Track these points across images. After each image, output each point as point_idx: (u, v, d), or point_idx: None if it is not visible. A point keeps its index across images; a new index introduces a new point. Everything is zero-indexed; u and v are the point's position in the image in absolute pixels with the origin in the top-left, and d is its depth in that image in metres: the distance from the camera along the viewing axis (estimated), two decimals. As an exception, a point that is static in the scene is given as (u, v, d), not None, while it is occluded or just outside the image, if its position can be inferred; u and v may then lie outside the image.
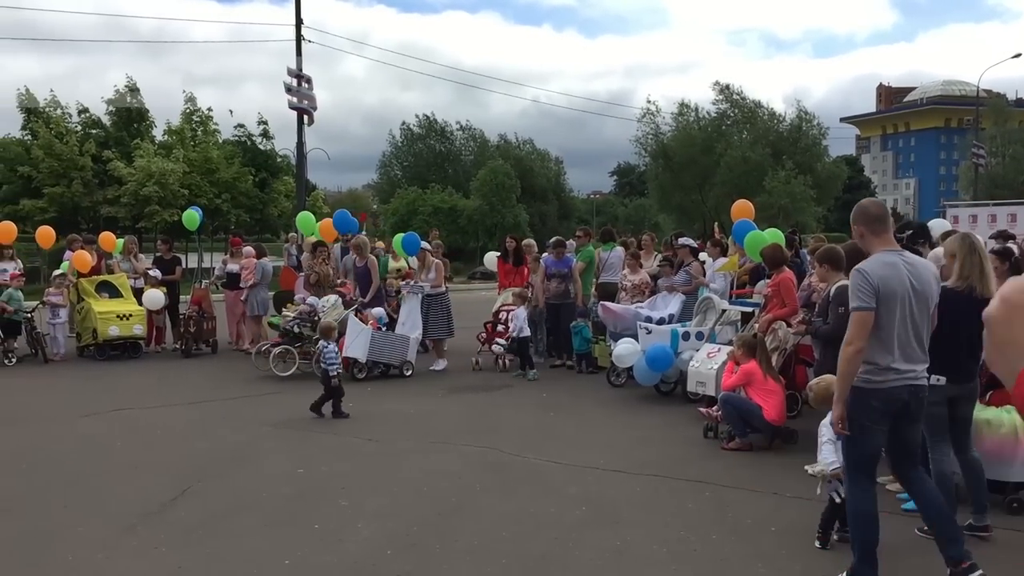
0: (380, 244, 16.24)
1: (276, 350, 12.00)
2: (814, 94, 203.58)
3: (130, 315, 13.75)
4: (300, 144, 30.19)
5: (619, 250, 13.62)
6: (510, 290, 13.62)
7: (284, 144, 50.45)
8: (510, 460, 7.75)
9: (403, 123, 69.06)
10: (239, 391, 11.10)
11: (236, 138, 41.57)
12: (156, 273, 14.82)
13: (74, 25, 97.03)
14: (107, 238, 15.36)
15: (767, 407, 7.94)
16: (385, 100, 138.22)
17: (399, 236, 14.48)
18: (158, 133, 40.74)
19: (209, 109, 40.54)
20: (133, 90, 40.02)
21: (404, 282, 13.17)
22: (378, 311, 12.77)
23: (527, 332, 12.32)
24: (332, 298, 12.47)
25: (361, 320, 12.16)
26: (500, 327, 13.07)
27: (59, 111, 38.12)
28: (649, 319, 11.08)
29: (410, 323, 12.57)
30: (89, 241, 15.35)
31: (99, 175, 36.27)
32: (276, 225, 40.82)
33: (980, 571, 4.74)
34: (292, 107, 28.93)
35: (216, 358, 14.18)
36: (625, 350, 10.58)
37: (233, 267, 14.98)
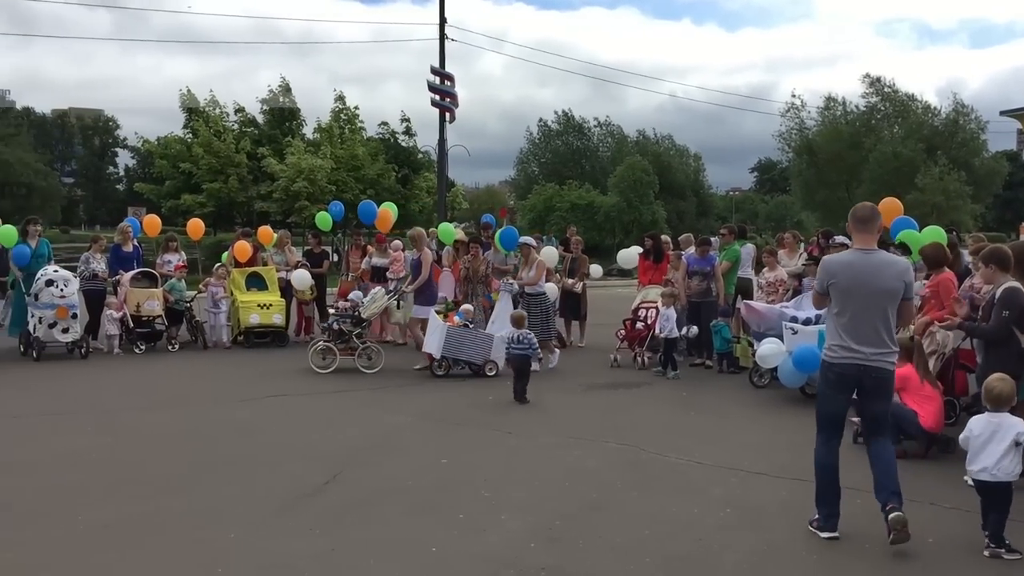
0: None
1: (318, 346, 12.19)
2: (970, 86, 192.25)
3: (270, 305, 14.36)
4: (442, 141, 30.82)
5: (750, 247, 13.34)
6: (650, 287, 13.51)
7: (424, 141, 51.48)
8: (651, 459, 7.70)
9: (540, 119, 69.41)
10: (384, 381, 11.42)
11: (380, 135, 42.74)
12: (306, 266, 15.44)
13: (227, 28, 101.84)
14: (265, 232, 16.08)
15: (923, 413, 7.60)
16: (522, 97, 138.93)
17: (499, 231, 14.49)
18: (308, 131, 42.38)
19: (355, 107, 41.88)
20: (286, 90, 41.77)
21: (503, 280, 12.95)
22: (465, 307, 12.57)
23: (676, 333, 12.14)
24: (376, 291, 12.76)
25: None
26: (639, 324, 12.99)
27: (217, 110, 40.17)
28: (795, 319, 10.77)
29: (499, 321, 12.10)
30: (247, 234, 16.13)
31: (253, 171, 37.99)
32: (417, 220, 41.77)
33: (900, 513, 5.28)
34: (435, 104, 29.57)
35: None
36: (769, 350, 10.32)
37: (379, 261, 15.42)
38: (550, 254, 14.65)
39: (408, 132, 43.07)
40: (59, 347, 12.75)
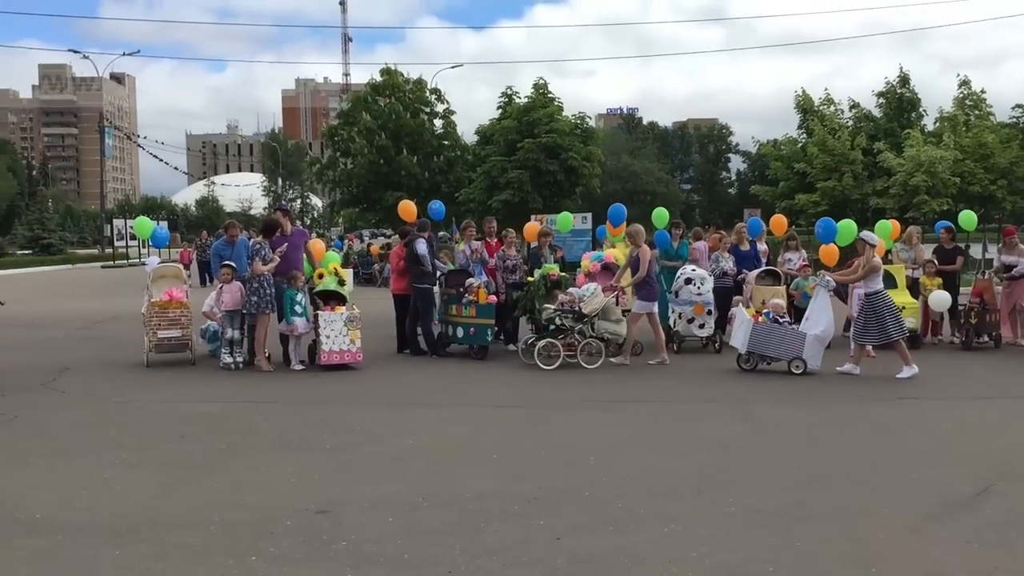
0: None
1: (540, 344, 12.07)
2: None
3: (903, 307, 13.71)
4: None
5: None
6: None
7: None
8: None
9: None
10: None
11: (1014, 120, 38.73)
12: (932, 262, 14.65)
13: (832, 27, 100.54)
14: (891, 226, 15.64)
15: None
16: None
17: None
18: (928, 122, 40.09)
19: (982, 91, 38.48)
20: (903, 80, 40.08)
21: (820, 275, 11.99)
22: (775, 303, 12.30)
23: None
24: (591, 287, 12.47)
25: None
26: None
27: (832, 108, 39.99)
28: None
29: (813, 319, 11.65)
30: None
31: (868, 167, 37.04)
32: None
33: None
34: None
35: (999, 352, 13.48)
36: None
37: (1009, 259, 14.12)
38: None
39: (1048, 111, 38.38)
40: (695, 341, 13.77)
